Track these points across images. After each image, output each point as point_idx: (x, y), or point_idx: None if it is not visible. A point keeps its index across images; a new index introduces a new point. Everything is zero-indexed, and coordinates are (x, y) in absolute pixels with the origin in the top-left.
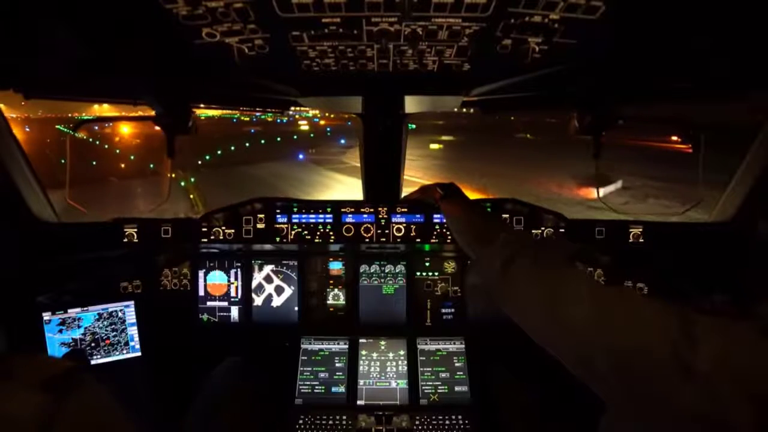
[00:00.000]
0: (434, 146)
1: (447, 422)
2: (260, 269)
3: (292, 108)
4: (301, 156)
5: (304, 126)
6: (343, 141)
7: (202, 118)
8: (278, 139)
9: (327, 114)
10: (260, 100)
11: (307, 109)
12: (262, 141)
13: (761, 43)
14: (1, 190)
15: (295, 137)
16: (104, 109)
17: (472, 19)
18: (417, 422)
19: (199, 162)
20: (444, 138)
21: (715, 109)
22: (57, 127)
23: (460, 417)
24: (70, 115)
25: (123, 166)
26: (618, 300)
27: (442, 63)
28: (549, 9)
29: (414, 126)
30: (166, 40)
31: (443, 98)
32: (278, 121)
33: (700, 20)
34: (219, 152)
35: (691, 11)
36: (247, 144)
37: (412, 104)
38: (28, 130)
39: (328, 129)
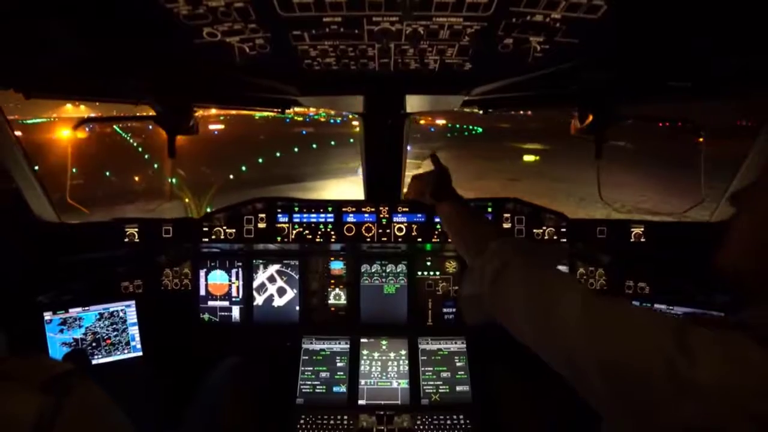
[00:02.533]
0: (529, 158)
1: (448, 422)
2: (264, 269)
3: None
4: (360, 171)
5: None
6: (408, 148)
7: (257, 118)
8: (333, 143)
9: None
10: (261, 99)
11: None
12: (314, 145)
13: (762, 43)
14: (2, 189)
15: (351, 141)
16: None
17: (474, 19)
18: (418, 422)
19: (231, 176)
20: (530, 146)
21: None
22: (114, 127)
23: (461, 417)
24: (138, 114)
25: (137, 179)
26: (610, 310)
27: (444, 62)
28: (550, 8)
29: (480, 129)
30: (166, 39)
31: (444, 97)
32: (331, 121)
33: (702, 20)
34: (260, 161)
35: (693, 11)
36: (296, 149)
37: (413, 103)
38: (89, 130)
39: None
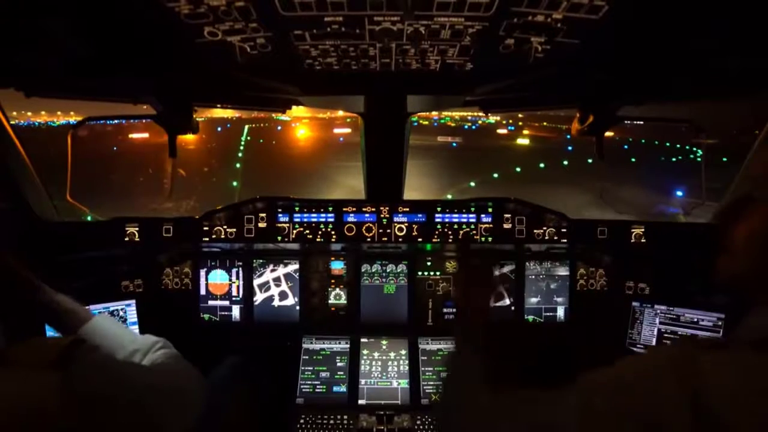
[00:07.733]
0: None
1: None
2: (274, 268)
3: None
4: None
5: (521, 139)
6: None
7: None
8: (518, 169)
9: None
10: (262, 99)
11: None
12: (495, 175)
13: (763, 44)
14: (3, 189)
15: (542, 165)
16: (300, 111)
17: (475, 19)
18: (418, 422)
19: None
20: None
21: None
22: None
23: None
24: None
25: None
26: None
27: (445, 62)
28: (552, 9)
29: (701, 152)
30: (167, 38)
31: (445, 97)
32: (465, 126)
33: (702, 21)
34: None
35: (693, 12)
36: (473, 184)
37: (414, 103)
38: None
39: (570, 147)
